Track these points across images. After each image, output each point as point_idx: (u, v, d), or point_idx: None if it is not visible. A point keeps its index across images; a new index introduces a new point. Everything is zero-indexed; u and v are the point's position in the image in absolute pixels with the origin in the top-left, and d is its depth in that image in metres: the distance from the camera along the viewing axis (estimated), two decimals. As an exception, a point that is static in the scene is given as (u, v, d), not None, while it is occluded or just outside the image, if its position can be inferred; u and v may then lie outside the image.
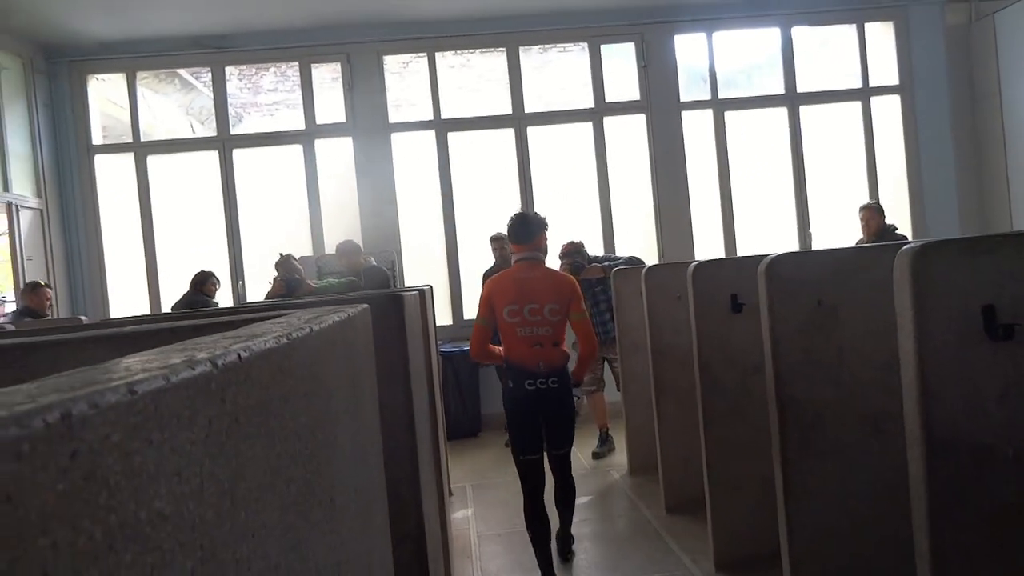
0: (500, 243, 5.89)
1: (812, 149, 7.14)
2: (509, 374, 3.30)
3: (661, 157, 6.97)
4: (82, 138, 6.65)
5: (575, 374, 3.42)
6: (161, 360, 0.41)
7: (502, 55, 6.94)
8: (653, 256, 6.86)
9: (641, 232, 7.05)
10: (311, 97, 6.80)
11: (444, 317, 6.72)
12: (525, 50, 6.97)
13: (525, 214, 3.42)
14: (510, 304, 3.23)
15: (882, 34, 7.27)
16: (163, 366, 0.38)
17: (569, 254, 5.25)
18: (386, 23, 6.62)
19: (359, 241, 6.17)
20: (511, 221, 3.39)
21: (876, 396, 2.51)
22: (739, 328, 3.19)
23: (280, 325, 0.68)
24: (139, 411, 0.33)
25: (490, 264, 5.99)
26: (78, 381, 0.33)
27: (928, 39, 7.11)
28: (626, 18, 6.84)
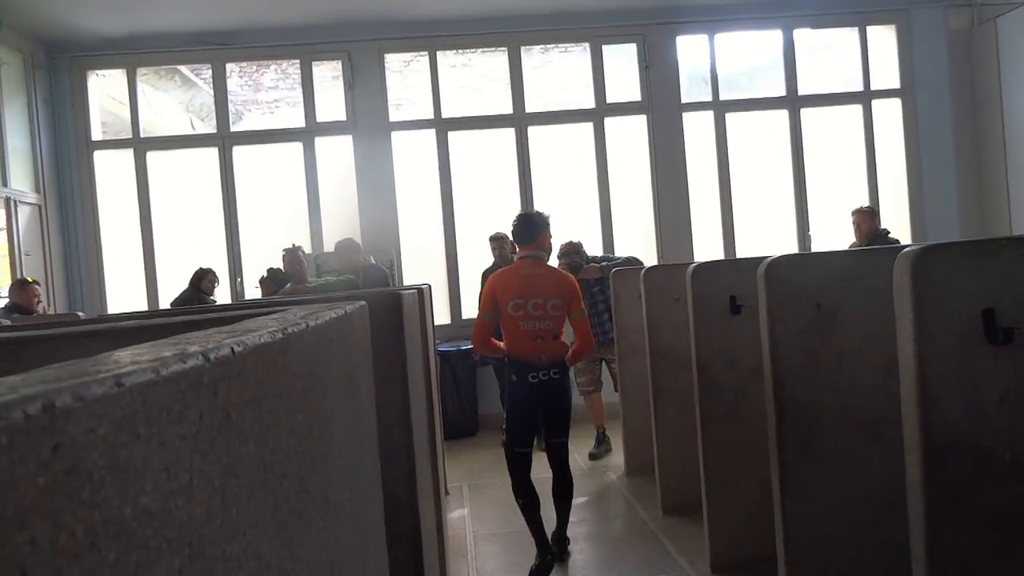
0: (499, 243, 5.88)
1: (813, 152, 7.13)
2: (512, 368, 3.42)
3: (662, 158, 6.96)
4: (81, 134, 6.63)
5: (567, 360, 3.54)
6: (152, 353, 0.40)
7: (503, 55, 6.93)
8: (652, 257, 6.85)
9: (641, 233, 7.04)
10: (312, 95, 6.79)
11: (442, 316, 6.72)
12: (526, 50, 6.97)
13: (528, 214, 3.58)
14: (514, 299, 3.36)
15: (884, 37, 7.26)
16: (153, 359, 0.37)
17: (567, 254, 5.24)
18: (387, 22, 6.61)
19: (358, 240, 6.15)
20: (515, 221, 3.55)
21: (875, 400, 2.50)
22: (738, 330, 3.18)
23: (276, 320, 0.67)
24: (126, 404, 0.32)
25: (489, 264, 5.98)
26: (65, 373, 0.32)
27: (930, 43, 7.10)
28: (628, 19, 6.84)
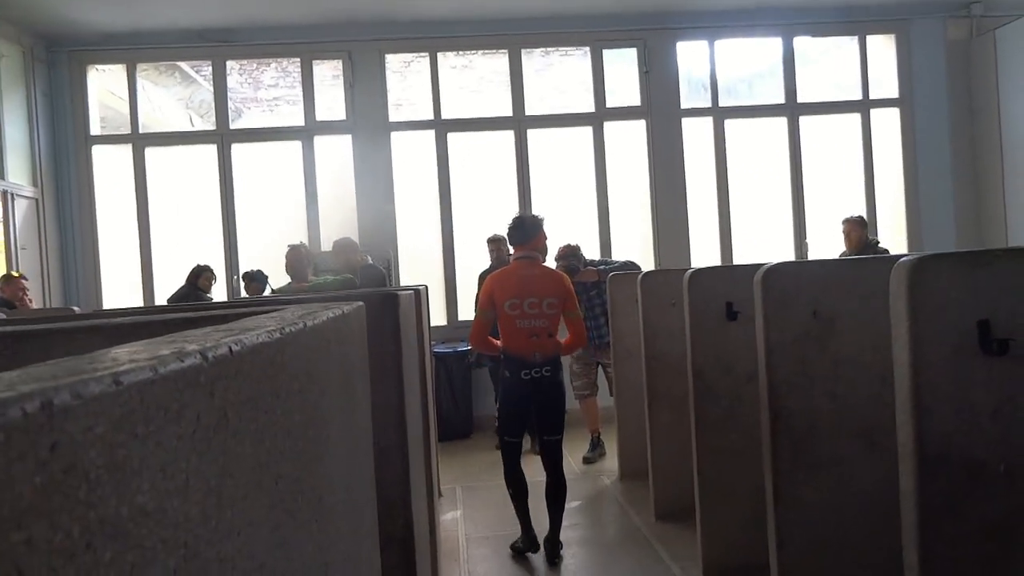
0: (497, 245, 5.88)
1: (811, 159, 7.15)
2: (507, 365, 3.54)
3: (660, 163, 6.97)
4: (80, 128, 6.62)
5: (560, 351, 3.64)
6: (149, 351, 0.40)
7: (504, 57, 6.94)
8: (649, 262, 6.85)
9: (638, 237, 7.05)
10: (311, 94, 6.79)
11: (439, 318, 6.71)
12: (527, 53, 6.97)
13: (522, 217, 3.74)
14: (511, 298, 3.48)
15: (883, 47, 7.29)
16: (151, 357, 0.37)
17: (565, 257, 5.24)
18: (388, 22, 6.61)
19: (356, 239, 6.14)
20: (510, 225, 3.69)
21: (870, 408, 2.51)
22: (734, 336, 3.19)
23: (273, 320, 0.67)
24: (124, 403, 0.32)
25: (486, 266, 5.97)
26: (62, 370, 0.32)
27: (929, 53, 7.13)
28: (629, 24, 6.85)
